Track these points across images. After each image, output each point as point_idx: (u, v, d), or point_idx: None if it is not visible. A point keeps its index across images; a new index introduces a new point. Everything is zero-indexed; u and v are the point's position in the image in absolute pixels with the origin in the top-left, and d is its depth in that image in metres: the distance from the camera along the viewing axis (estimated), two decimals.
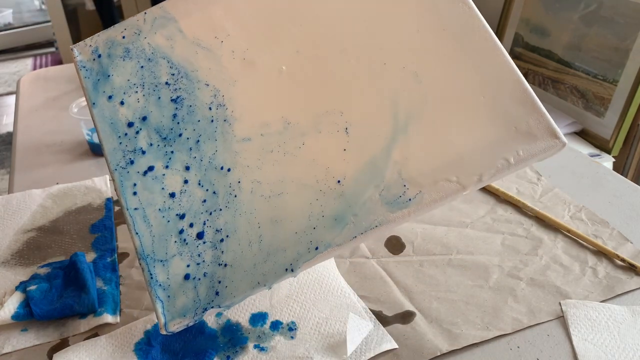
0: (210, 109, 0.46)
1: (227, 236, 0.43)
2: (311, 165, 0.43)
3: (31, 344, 0.46)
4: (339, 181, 0.43)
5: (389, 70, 0.45)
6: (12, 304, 0.48)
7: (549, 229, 0.57)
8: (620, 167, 1.54)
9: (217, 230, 0.43)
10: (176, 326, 0.41)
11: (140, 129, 0.46)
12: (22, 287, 0.50)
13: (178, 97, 0.47)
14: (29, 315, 0.47)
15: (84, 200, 0.64)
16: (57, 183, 0.67)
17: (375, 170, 0.42)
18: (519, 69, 0.45)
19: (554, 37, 1.66)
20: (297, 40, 0.47)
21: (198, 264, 0.42)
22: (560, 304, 0.48)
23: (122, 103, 0.47)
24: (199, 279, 0.42)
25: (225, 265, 0.42)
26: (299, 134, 0.44)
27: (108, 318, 0.48)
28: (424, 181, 0.41)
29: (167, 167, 0.45)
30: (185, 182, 0.44)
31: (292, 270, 0.41)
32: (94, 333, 0.47)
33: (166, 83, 0.48)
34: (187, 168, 0.45)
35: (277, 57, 0.47)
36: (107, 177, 0.67)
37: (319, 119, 0.45)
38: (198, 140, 0.45)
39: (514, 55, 1.81)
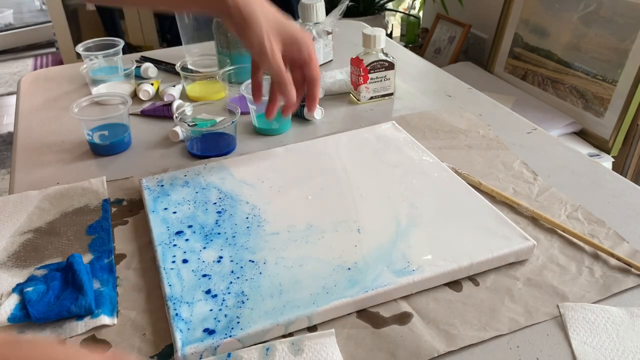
0: (247, 218, 0.58)
1: (251, 291, 0.49)
2: (329, 249, 0.53)
3: None
4: (355, 262, 0.51)
5: (391, 201, 0.59)
6: (9, 306, 0.48)
7: (545, 228, 0.57)
8: (619, 167, 1.54)
9: (242, 289, 0.49)
10: (192, 351, 0.43)
11: (187, 225, 0.57)
12: (18, 289, 0.50)
13: (222, 209, 0.59)
14: (25, 317, 0.47)
15: (80, 201, 0.64)
16: (58, 183, 0.67)
17: (383, 253, 0.52)
18: (519, 69, 0.48)
19: (553, 38, 1.66)
20: (321, 183, 0.63)
21: (220, 309, 0.47)
22: (558, 306, 0.48)
23: (174, 212, 0.59)
24: (220, 318, 0.46)
25: (246, 308, 0.47)
26: (320, 232, 0.55)
27: (105, 320, 0.48)
28: (424, 260, 0.51)
29: (204, 248, 0.54)
30: (220, 257, 0.53)
31: (308, 317, 0.46)
32: (92, 335, 0.47)
33: (214, 202, 0.60)
34: (222, 249, 0.54)
35: (305, 191, 0.62)
36: (104, 178, 0.68)
37: (337, 224, 0.56)
38: (234, 236, 0.55)
39: (514, 56, 1.81)
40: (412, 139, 0.71)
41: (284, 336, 0.46)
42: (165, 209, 0.60)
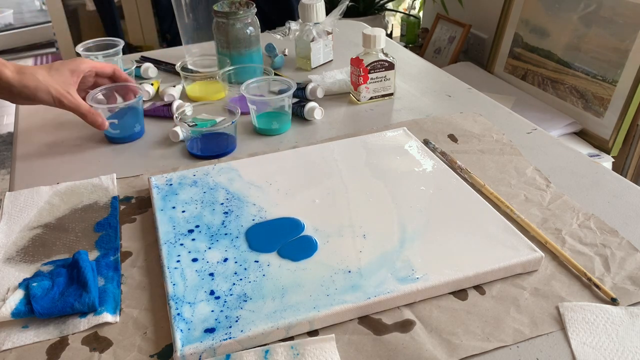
0: (253, 219, 0.58)
1: (253, 293, 0.49)
2: (333, 253, 0.53)
3: (31, 341, 0.46)
4: (358, 268, 0.51)
5: (399, 207, 0.59)
6: (14, 300, 0.48)
7: (555, 237, 0.56)
8: (619, 167, 1.54)
9: (244, 291, 0.49)
10: (191, 351, 0.43)
11: (194, 225, 0.57)
12: (24, 284, 0.50)
13: (229, 210, 0.60)
14: (29, 312, 0.47)
15: (90, 198, 0.64)
16: (58, 183, 0.67)
17: (387, 259, 0.52)
18: (519, 70, 0.47)
19: (553, 38, 1.66)
20: (329, 187, 0.63)
21: (222, 310, 0.47)
22: (557, 307, 0.48)
23: (183, 211, 0.59)
24: (220, 319, 0.46)
25: (247, 310, 0.47)
26: (325, 236, 0.55)
27: (108, 317, 0.48)
28: (429, 268, 0.50)
29: (210, 248, 0.54)
30: (225, 258, 0.53)
31: (309, 322, 0.46)
32: (94, 332, 0.47)
33: (221, 203, 0.61)
34: (227, 250, 0.54)
35: (312, 194, 0.62)
36: (114, 175, 0.68)
37: (342, 228, 0.56)
38: (238, 237, 0.56)
39: (514, 56, 1.81)
40: (422, 145, 0.70)
41: (284, 340, 0.46)
42: (173, 207, 0.60)
